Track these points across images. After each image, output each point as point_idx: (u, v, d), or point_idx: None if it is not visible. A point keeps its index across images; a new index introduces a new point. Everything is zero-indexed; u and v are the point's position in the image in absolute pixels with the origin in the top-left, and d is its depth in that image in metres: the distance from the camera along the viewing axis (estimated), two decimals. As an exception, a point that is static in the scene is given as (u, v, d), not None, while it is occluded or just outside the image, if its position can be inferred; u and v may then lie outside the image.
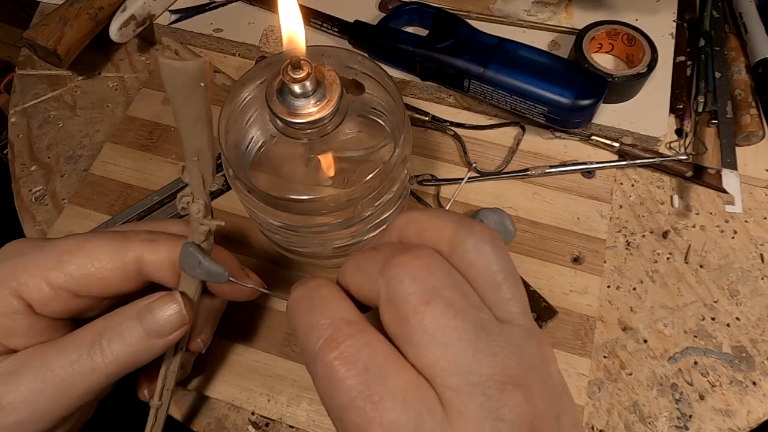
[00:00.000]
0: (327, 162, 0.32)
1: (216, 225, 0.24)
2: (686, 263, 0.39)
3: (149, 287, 0.27)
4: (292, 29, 0.27)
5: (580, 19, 0.47)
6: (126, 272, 0.25)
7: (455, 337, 0.17)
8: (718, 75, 0.45)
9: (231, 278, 0.25)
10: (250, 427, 0.34)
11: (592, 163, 0.42)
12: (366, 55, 0.45)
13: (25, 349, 0.24)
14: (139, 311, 0.24)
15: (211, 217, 0.24)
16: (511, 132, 0.44)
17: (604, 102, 0.41)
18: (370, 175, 0.28)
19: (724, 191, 0.40)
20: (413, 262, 0.19)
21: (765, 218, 0.41)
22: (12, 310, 0.24)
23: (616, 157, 0.43)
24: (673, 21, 0.47)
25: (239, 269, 0.28)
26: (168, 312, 0.24)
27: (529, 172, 0.42)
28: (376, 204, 0.31)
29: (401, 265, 0.19)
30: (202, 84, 0.20)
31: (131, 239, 0.26)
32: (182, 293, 0.26)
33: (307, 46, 0.28)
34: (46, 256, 0.25)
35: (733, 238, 0.40)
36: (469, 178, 0.42)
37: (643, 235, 0.40)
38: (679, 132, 0.44)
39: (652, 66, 0.42)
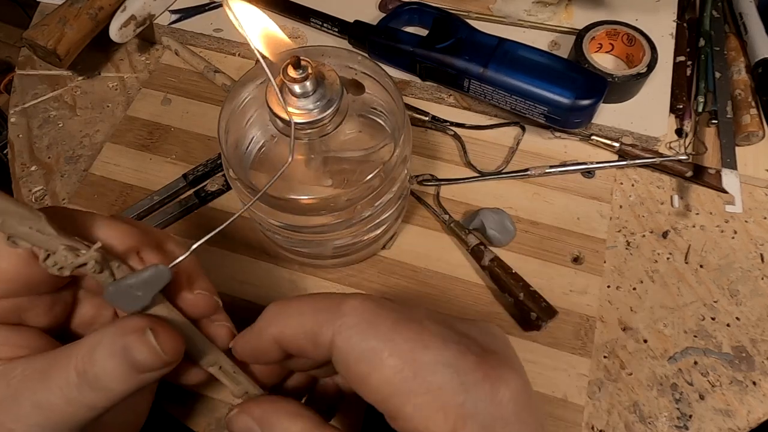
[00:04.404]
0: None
1: (95, 250, 0.20)
2: (686, 263, 0.39)
3: None
4: (264, 30, 0.27)
5: (580, 19, 0.47)
6: (21, 259, 0.22)
7: None
8: (718, 75, 0.45)
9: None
10: (250, 427, 0.34)
11: (592, 163, 0.42)
12: (366, 55, 0.45)
13: (12, 372, 0.22)
14: (121, 348, 0.21)
15: (82, 252, 0.20)
16: (511, 132, 0.44)
17: (604, 102, 0.41)
18: (370, 175, 0.28)
19: (724, 191, 0.40)
20: None
21: (765, 218, 0.41)
22: None
23: (616, 157, 0.43)
24: (673, 21, 0.47)
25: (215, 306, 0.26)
26: (144, 352, 0.21)
27: (529, 172, 0.42)
28: (376, 204, 0.31)
29: None
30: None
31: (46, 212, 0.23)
32: (161, 319, 0.22)
33: (307, 46, 0.28)
34: None
35: (733, 238, 0.40)
36: (468, 178, 0.42)
37: (643, 235, 0.41)
38: (679, 132, 0.44)
39: (652, 66, 0.42)
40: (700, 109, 0.44)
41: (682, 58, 0.46)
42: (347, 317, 0.21)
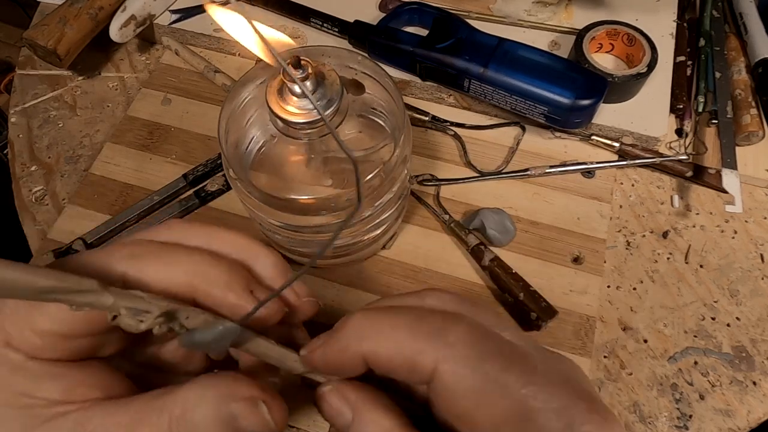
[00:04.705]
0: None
1: (156, 317, 0.19)
2: (686, 263, 0.39)
3: None
4: (262, 39, 0.27)
5: (580, 19, 0.47)
6: None
7: None
8: (718, 75, 0.45)
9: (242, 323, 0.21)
10: (250, 427, 0.34)
11: (592, 163, 0.42)
12: (366, 55, 0.45)
13: (89, 422, 0.20)
14: (228, 415, 0.20)
15: (146, 314, 0.19)
16: (511, 132, 0.44)
17: (604, 102, 0.41)
18: (370, 175, 0.28)
19: (724, 191, 0.40)
20: None
21: (765, 218, 0.41)
22: (15, 363, 0.20)
23: (616, 157, 0.43)
24: (673, 21, 0.47)
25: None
26: (255, 424, 0.20)
27: (529, 172, 0.42)
28: (376, 204, 0.31)
29: None
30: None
31: (113, 255, 0.21)
32: (270, 386, 0.22)
33: (307, 46, 0.28)
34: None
35: (733, 238, 0.40)
36: (468, 178, 0.42)
37: (643, 235, 0.40)
38: (679, 132, 0.44)
39: (652, 66, 0.42)
40: (700, 109, 0.44)
41: (682, 58, 0.46)
42: (455, 348, 0.19)
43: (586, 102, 0.39)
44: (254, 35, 0.25)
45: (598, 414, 0.19)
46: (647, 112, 0.43)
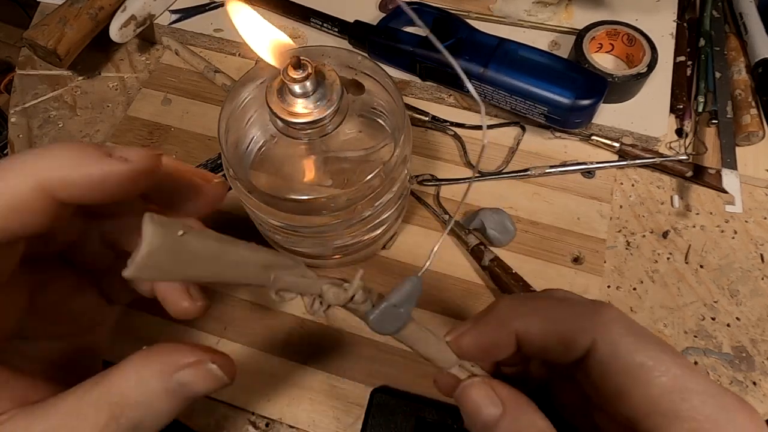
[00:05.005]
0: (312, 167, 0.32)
1: (359, 279, 0.20)
2: (686, 263, 0.39)
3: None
4: (273, 41, 0.27)
5: (580, 19, 0.47)
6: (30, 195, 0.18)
7: None
8: (718, 75, 0.45)
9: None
10: (250, 428, 0.34)
11: (592, 163, 0.42)
12: (366, 55, 0.45)
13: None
14: (173, 388, 0.19)
15: (346, 286, 0.20)
16: (511, 132, 0.44)
17: (604, 102, 0.41)
18: (370, 175, 0.28)
19: (724, 191, 0.40)
20: None
21: (765, 218, 0.41)
22: None
23: (616, 157, 0.43)
24: (673, 21, 0.47)
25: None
26: (210, 383, 0.19)
27: (529, 172, 0.42)
28: (376, 204, 0.31)
29: None
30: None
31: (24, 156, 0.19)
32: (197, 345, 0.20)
33: (307, 46, 0.28)
34: None
35: (733, 238, 0.40)
36: (469, 178, 0.42)
37: (643, 235, 0.40)
38: (679, 132, 0.44)
39: (652, 66, 0.42)
40: (700, 109, 0.44)
41: (682, 58, 0.46)
42: (612, 327, 0.20)
43: (586, 102, 0.39)
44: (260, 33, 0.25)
45: (747, 407, 0.19)
46: (647, 112, 0.43)
